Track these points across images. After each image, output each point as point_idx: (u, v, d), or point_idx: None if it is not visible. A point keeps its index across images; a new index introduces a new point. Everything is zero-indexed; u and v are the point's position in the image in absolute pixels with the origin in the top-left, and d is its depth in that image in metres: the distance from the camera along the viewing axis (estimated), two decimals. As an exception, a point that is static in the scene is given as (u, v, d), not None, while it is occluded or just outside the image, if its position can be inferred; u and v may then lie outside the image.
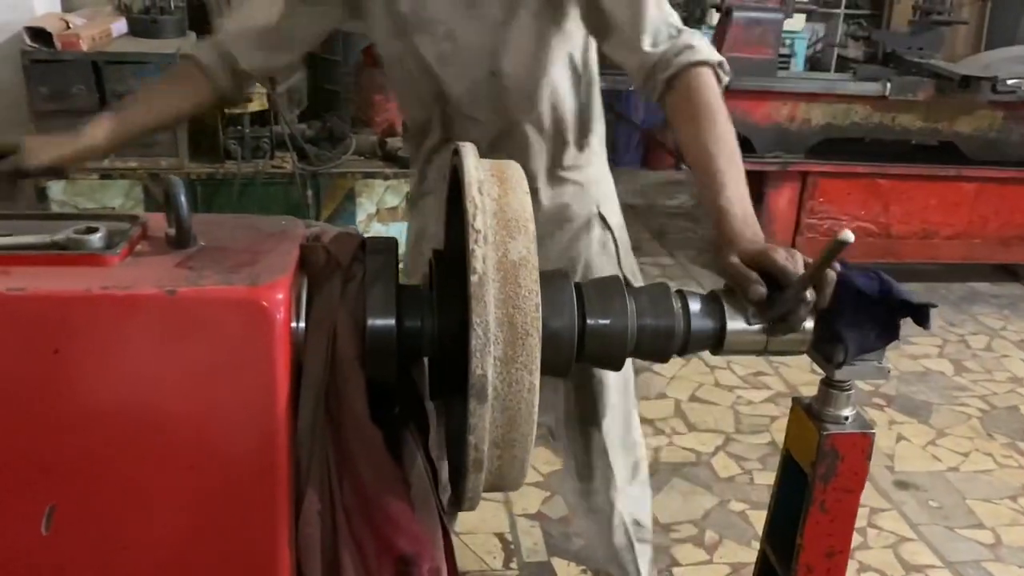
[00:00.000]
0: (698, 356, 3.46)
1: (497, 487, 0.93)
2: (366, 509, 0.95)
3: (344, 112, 3.35)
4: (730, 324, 1.04)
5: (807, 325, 1.04)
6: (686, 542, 2.45)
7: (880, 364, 1.07)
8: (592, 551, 1.83)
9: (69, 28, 2.91)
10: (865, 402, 3.25)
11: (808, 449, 1.10)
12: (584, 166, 1.57)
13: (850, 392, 1.09)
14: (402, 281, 1.00)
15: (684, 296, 1.05)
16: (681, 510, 2.59)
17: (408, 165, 2.24)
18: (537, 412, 0.88)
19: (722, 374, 3.43)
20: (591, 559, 2.04)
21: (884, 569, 2.40)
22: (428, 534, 0.99)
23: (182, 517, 0.90)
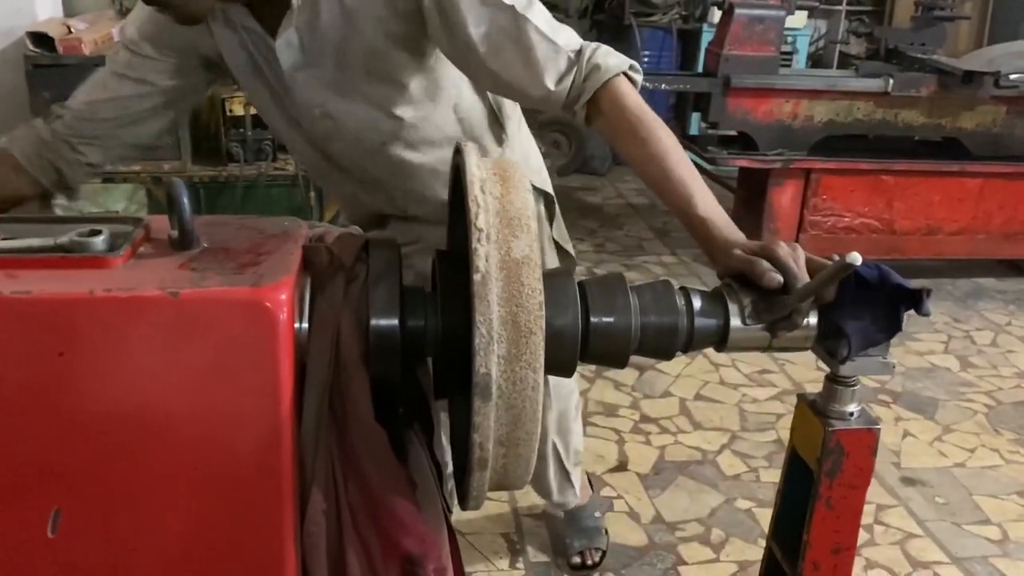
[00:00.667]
0: (703, 354, 3.45)
1: (502, 486, 0.93)
2: (371, 509, 0.95)
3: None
4: (734, 321, 1.03)
5: (811, 321, 1.04)
6: (692, 540, 2.45)
7: (885, 359, 1.07)
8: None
9: (71, 33, 2.92)
10: (871, 399, 3.24)
11: (813, 445, 1.10)
12: (507, 153, 1.58)
13: (855, 388, 1.09)
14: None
15: (688, 293, 1.05)
16: (687, 509, 2.59)
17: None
18: (542, 411, 0.88)
19: (727, 372, 3.43)
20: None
21: (891, 566, 2.39)
22: (434, 534, 0.99)
23: (187, 518, 0.90)
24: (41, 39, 2.89)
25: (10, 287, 0.83)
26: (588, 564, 2.25)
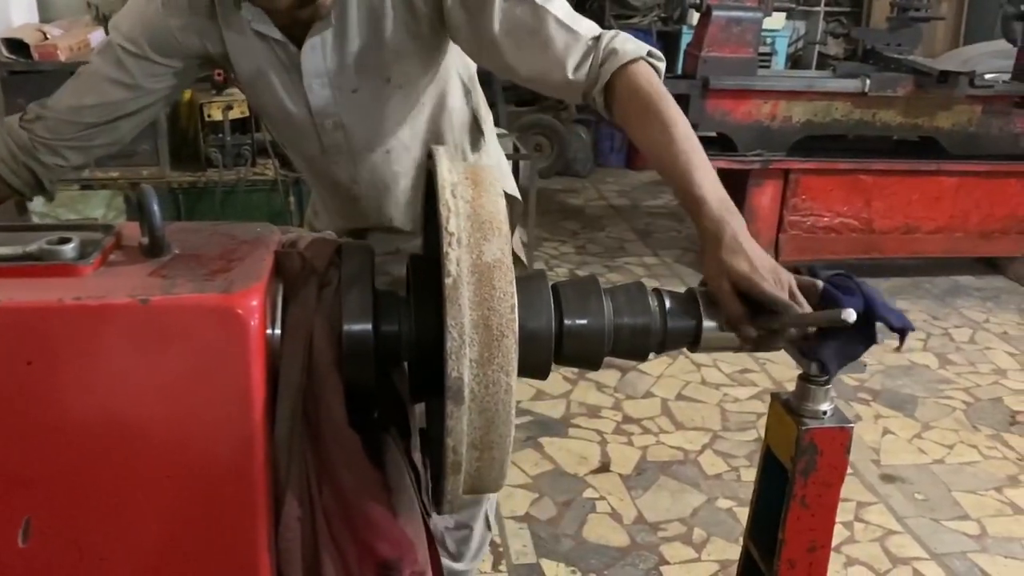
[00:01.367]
0: (684, 354, 3.47)
1: (476, 489, 0.93)
2: (346, 514, 0.95)
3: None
4: (706, 322, 1.04)
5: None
6: (674, 540, 2.46)
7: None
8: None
9: (47, 39, 2.90)
10: (851, 397, 3.27)
11: (787, 444, 1.10)
12: (483, 159, 1.59)
13: (828, 387, 1.10)
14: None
15: (661, 294, 1.06)
16: (669, 509, 2.60)
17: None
18: (515, 413, 0.88)
19: (709, 372, 3.44)
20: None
21: (871, 562, 2.41)
22: (411, 538, 0.99)
23: (160, 526, 0.89)
24: (16, 45, 2.86)
25: (-22, 296, 0.82)
26: None
